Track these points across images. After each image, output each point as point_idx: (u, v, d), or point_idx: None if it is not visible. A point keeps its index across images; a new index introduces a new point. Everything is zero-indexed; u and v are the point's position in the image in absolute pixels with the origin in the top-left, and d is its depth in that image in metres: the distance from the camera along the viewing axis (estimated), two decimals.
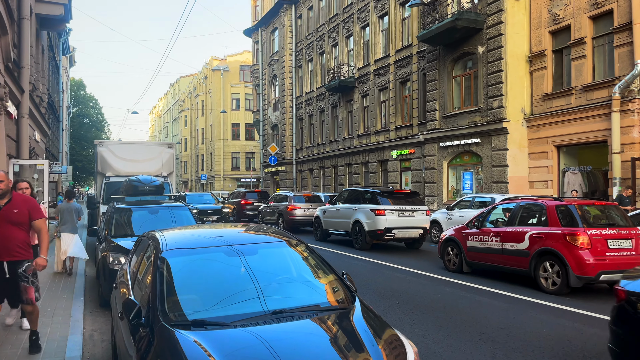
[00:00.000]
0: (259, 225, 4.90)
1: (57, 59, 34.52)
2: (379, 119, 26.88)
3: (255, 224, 9.31)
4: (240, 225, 4.96)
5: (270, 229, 4.69)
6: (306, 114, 35.93)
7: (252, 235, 4.49)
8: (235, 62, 60.89)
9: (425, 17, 20.43)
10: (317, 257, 4.10)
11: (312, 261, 4.05)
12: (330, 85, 29.68)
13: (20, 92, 11.94)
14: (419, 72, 23.28)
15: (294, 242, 4.22)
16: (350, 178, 30.04)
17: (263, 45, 42.08)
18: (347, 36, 30.22)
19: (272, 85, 41.05)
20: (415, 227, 13.51)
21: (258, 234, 4.51)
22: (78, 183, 71.61)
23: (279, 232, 4.58)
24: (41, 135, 17.02)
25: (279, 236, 4.34)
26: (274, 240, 4.22)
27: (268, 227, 4.79)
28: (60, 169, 29.24)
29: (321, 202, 20.43)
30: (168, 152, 14.39)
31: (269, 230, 4.62)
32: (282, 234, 4.47)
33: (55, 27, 16.34)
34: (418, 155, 23.30)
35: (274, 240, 4.24)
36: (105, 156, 13.70)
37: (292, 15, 37.53)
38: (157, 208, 8.96)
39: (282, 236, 4.34)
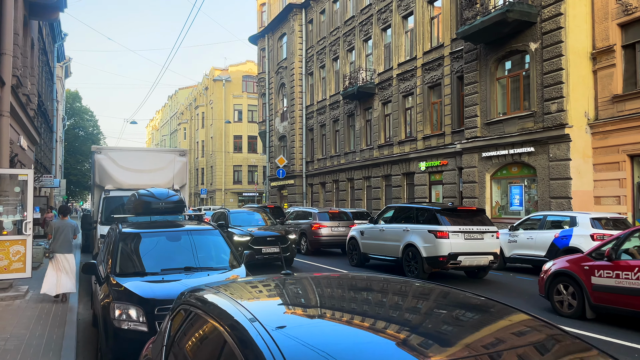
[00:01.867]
0: None
1: (52, 66, 32.23)
2: (403, 128, 24.54)
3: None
4: None
5: None
6: (317, 124, 33.61)
7: None
8: (238, 72, 58.75)
9: (465, 12, 18.19)
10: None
11: None
12: (347, 92, 27.39)
13: (1, 84, 9.49)
14: (452, 75, 21.01)
15: None
16: (368, 193, 27.60)
17: (270, 53, 39.90)
18: (365, 39, 28.02)
19: (279, 94, 38.78)
20: (485, 253, 11.04)
21: None
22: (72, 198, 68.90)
23: None
24: (29, 142, 14.54)
25: None
26: None
27: None
28: (52, 182, 26.69)
29: (349, 220, 17.94)
30: (180, 161, 11.93)
31: None
32: None
33: (47, 15, 13.96)
34: (452, 167, 20.92)
35: None
36: (104, 165, 11.21)
37: (302, 19, 35.41)
38: (179, 233, 6.51)
39: None
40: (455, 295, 2.40)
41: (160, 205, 7.06)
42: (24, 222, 9.68)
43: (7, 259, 9.50)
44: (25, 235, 9.64)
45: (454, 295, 2.39)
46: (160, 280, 5.59)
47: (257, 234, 13.18)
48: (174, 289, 5.31)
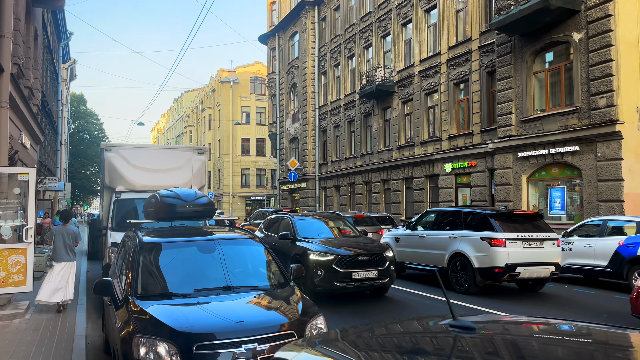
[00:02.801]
0: None
1: (57, 65, 31.18)
2: (425, 128, 23.26)
3: None
4: None
5: None
6: (331, 125, 32.36)
7: None
8: (246, 74, 57.66)
9: (498, 1, 16.92)
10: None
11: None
12: (365, 90, 26.15)
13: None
14: (482, 71, 19.73)
15: None
16: (387, 196, 26.30)
17: (280, 52, 38.74)
18: (383, 35, 26.80)
19: (290, 94, 37.59)
20: (546, 263, 9.71)
21: None
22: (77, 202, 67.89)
23: None
24: (31, 140, 13.35)
25: None
26: None
27: None
28: (57, 185, 25.53)
29: (375, 225, 16.66)
30: (199, 160, 10.69)
31: None
32: None
33: (51, 2, 12.78)
34: (481, 168, 19.61)
35: None
36: (115, 164, 9.98)
37: (315, 17, 34.24)
38: (212, 243, 5.26)
39: None
40: None
41: (187, 208, 5.81)
42: (25, 229, 8.47)
43: (5, 271, 8.27)
44: (25, 243, 8.43)
45: None
46: (194, 303, 4.34)
47: (345, 252, 9.19)
48: (215, 319, 4.06)
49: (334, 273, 8.91)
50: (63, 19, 30.10)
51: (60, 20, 29.37)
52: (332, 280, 8.89)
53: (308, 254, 9.30)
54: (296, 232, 10.36)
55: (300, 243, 9.84)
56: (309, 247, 9.48)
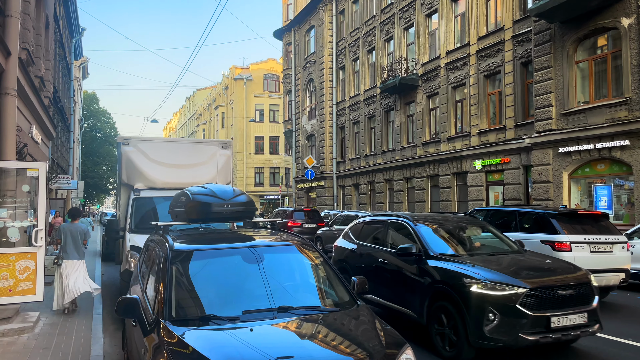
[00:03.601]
0: None
1: (69, 62, 30.51)
2: (452, 123, 22.16)
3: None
4: None
5: None
6: (350, 121, 31.33)
7: None
8: (259, 71, 56.78)
9: None
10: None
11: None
12: (387, 84, 25.08)
13: (5, 53, 7.39)
14: (515, 61, 18.59)
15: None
16: (411, 195, 25.23)
17: (296, 47, 37.79)
18: (405, 27, 25.71)
19: (307, 90, 36.62)
20: (616, 270, 8.64)
21: None
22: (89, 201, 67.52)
23: None
24: (43, 135, 12.50)
25: None
26: None
27: None
28: (69, 184, 24.78)
29: None
30: (224, 155, 9.74)
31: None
32: None
33: None
34: (516, 164, 18.49)
35: None
36: (133, 159, 9.05)
37: (332, 10, 33.24)
38: (258, 251, 4.29)
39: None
40: None
41: (224, 208, 4.83)
42: (34, 230, 7.57)
43: (13, 278, 7.38)
44: (35, 247, 7.53)
45: None
46: (246, 331, 3.36)
47: (536, 282, 5.64)
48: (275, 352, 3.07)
49: (518, 318, 5.38)
50: (75, 14, 29.43)
51: (73, 16, 28.68)
52: (516, 329, 5.37)
53: (467, 285, 5.67)
54: (426, 245, 6.73)
55: (441, 264, 6.24)
56: (464, 272, 5.82)
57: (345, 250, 8.77)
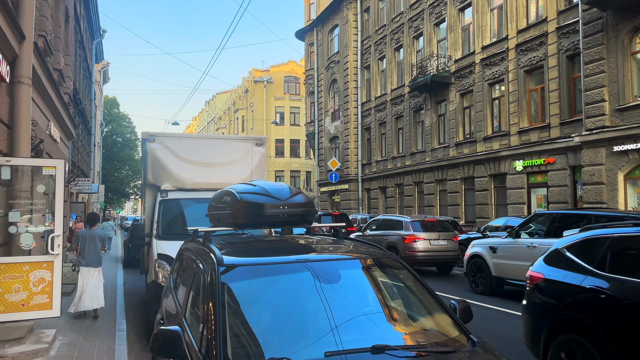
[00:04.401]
0: None
1: (90, 64, 30.05)
2: (489, 122, 20.94)
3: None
4: None
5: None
6: (376, 122, 30.25)
7: None
8: (280, 73, 56.08)
9: None
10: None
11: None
12: (417, 82, 23.97)
13: (18, 36, 6.54)
14: (560, 55, 17.36)
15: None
16: (443, 198, 24.04)
17: (319, 47, 36.88)
18: (436, 23, 24.59)
19: (330, 91, 35.66)
20: None
21: None
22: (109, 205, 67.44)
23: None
24: (62, 133, 11.71)
25: None
26: None
27: None
28: (90, 187, 24.17)
29: (450, 231, 14.50)
30: (258, 152, 8.79)
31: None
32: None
33: None
34: (562, 165, 17.23)
35: None
36: (160, 157, 8.13)
37: (357, 8, 32.25)
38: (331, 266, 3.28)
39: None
40: None
41: (280, 210, 3.84)
42: (51, 236, 6.69)
43: (27, 290, 6.50)
44: (52, 255, 6.64)
45: None
46: None
47: None
48: None
49: None
50: (97, 16, 28.94)
51: (94, 17, 28.21)
52: None
53: None
54: None
55: None
56: None
57: (574, 290, 4.78)
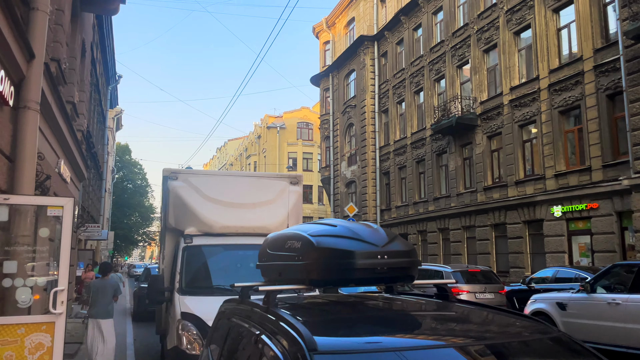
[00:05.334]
0: None
1: (104, 108, 29.69)
2: (520, 165, 19.83)
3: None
4: None
5: None
6: (395, 166, 29.25)
7: None
8: (293, 119, 55.90)
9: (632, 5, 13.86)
10: None
11: None
12: (441, 125, 23.10)
13: (26, 54, 5.62)
14: (599, 94, 16.42)
15: None
16: (471, 246, 22.64)
17: (335, 92, 36.49)
18: (459, 65, 23.98)
19: (346, 135, 34.96)
20: None
21: None
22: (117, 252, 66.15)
23: None
24: (72, 173, 10.73)
25: None
26: None
27: None
28: (100, 234, 23.08)
29: (496, 283, 13.13)
30: (294, 192, 7.69)
31: None
32: None
33: (105, 4, 10.43)
34: (607, 210, 15.95)
35: None
36: (183, 197, 7.04)
37: (374, 53, 31.94)
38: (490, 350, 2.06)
39: None
40: None
41: (378, 260, 2.70)
42: (53, 291, 5.52)
43: (20, 359, 5.27)
44: (53, 315, 5.42)
45: None
46: None
47: None
48: None
49: None
50: (113, 61, 28.76)
51: (110, 62, 28.02)
52: None
53: None
54: None
55: None
56: None
57: None
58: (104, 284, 8.27)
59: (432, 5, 26.33)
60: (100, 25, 19.99)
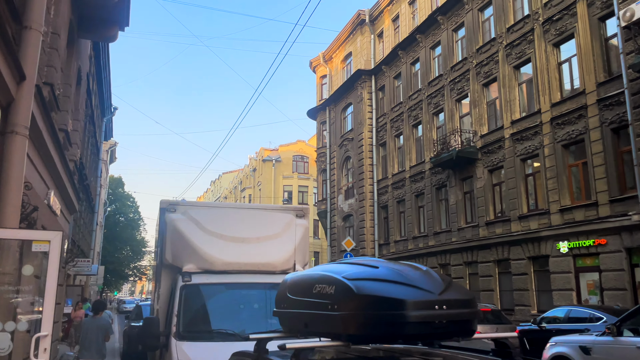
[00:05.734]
0: None
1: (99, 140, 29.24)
2: (524, 199, 19.44)
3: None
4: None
5: None
6: (393, 200, 28.81)
7: None
8: (288, 152, 55.75)
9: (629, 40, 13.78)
10: None
11: None
12: (441, 158, 22.81)
13: (16, 75, 5.18)
14: (604, 127, 16.20)
15: None
16: (474, 282, 22.01)
17: (332, 125, 36.37)
18: (458, 99, 23.89)
19: (343, 169, 34.63)
20: None
21: None
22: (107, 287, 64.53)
23: None
24: (63, 205, 10.16)
25: None
26: None
27: None
28: (89, 268, 22.24)
29: (507, 323, 12.50)
30: (301, 225, 7.16)
31: None
32: None
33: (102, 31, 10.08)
34: (615, 247, 15.49)
35: None
36: (183, 231, 6.49)
37: (372, 87, 31.95)
38: None
39: None
40: None
41: (435, 312, 2.21)
42: (35, 337, 4.90)
43: None
44: None
45: None
46: None
47: None
48: None
49: None
50: (109, 93, 28.49)
51: (106, 94, 27.73)
52: None
53: None
54: None
55: None
56: None
57: None
58: (95, 323, 8.03)
59: (430, 40, 26.46)
60: (98, 57, 19.74)
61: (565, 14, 17.91)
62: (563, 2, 18.08)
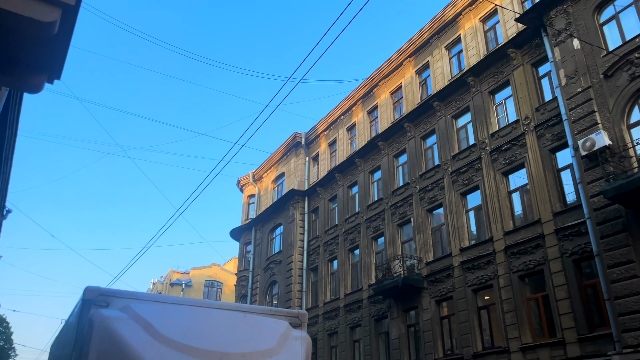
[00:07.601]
0: None
1: None
2: (478, 335, 17.70)
3: None
4: None
5: None
6: (324, 332, 25.95)
7: None
8: (201, 276, 51.51)
9: (605, 166, 13.64)
10: None
11: None
12: (384, 285, 20.97)
13: None
14: (565, 259, 15.41)
15: None
16: None
17: (257, 246, 33.92)
18: (400, 223, 22.89)
19: (267, 295, 31.58)
20: None
21: None
22: None
23: None
24: None
25: None
26: None
27: None
28: None
29: None
30: (304, 340, 4.74)
31: None
32: None
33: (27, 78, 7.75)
34: None
35: None
36: (121, 336, 3.84)
37: (304, 208, 30.60)
38: None
39: None
40: None
41: None
42: None
43: None
44: None
45: None
46: None
47: None
48: None
49: None
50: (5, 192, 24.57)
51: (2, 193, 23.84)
52: None
53: None
54: None
55: None
56: None
57: None
58: None
59: (370, 165, 26.11)
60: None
61: (514, 144, 18.07)
62: (511, 133, 18.35)
